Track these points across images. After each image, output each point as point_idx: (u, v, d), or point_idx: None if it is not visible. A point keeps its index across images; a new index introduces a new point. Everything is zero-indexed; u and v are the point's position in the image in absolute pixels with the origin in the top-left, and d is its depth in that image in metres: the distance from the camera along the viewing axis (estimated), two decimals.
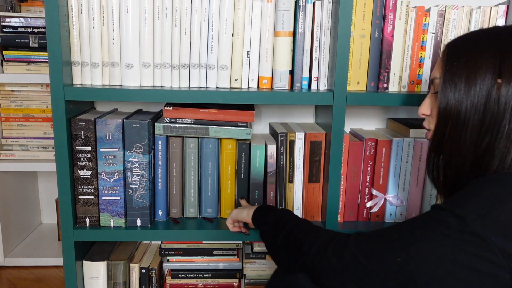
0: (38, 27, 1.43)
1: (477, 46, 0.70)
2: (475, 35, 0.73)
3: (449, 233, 0.60)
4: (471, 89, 0.68)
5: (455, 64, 0.71)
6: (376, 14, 1.04)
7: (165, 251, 1.18)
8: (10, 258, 1.54)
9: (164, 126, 1.06)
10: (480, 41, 0.70)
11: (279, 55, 1.05)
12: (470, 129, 0.68)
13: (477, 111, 0.68)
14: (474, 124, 0.68)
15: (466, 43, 0.72)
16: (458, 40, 0.74)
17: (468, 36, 0.74)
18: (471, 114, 0.68)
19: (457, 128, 0.70)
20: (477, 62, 0.68)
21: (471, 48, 0.70)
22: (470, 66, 0.69)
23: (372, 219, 1.14)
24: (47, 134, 1.51)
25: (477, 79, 0.68)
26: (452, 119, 0.70)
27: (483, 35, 0.72)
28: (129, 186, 1.06)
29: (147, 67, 1.04)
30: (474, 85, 0.68)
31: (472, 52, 0.70)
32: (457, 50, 0.72)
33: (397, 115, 1.30)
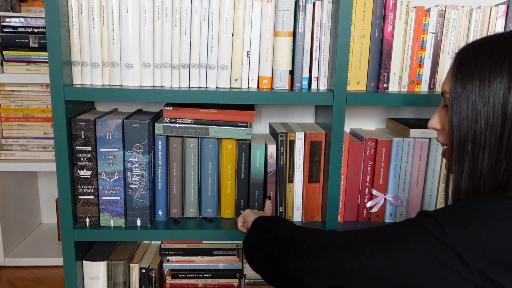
0: (38, 27, 1.43)
1: (491, 58, 0.64)
2: (489, 44, 0.67)
3: (425, 237, 0.59)
4: (485, 107, 0.63)
5: (466, 78, 0.65)
6: (376, 14, 1.04)
7: (165, 251, 1.18)
8: (10, 258, 1.54)
9: (164, 126, 1.06)
10: (494, 53, 0.64)
11: (279, 55, 1.05)
12: (488, 154, 0.64)
13: (493, 132, 0.63)
14: (492, 147, 0.63)
15: (479, 53, 0.66)
16: (469, 49, 0.68)
17: (482, 45, 0.68)
18: (487, 136, 0.64)
19: (474, 151, 0.65)
20: (490, 77, 0.63)
21: (484, 61, 0.65)
22: (483, 82, 0.64)
23: (372, 219, 1.14)
24: (47, 134, 1.51)
25: (490, 96, 0.63)
26: (468, 141, 0.65)
27: (498, 44, 0.65)
28: (129, 186, 1.06)
29: (147, 67, 1.04)
30: (487, 103, 0.63)
31: (485, 65, 0.64)
32: (468, 63, 0.67)
33: (397, 115, 1.30)
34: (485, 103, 0.63)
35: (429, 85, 1.10)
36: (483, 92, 0.63)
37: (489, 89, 0.63)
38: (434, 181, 1.12)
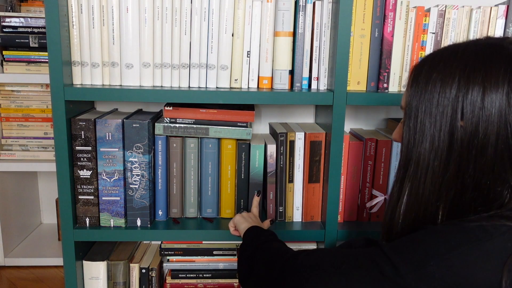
0: (38, 27, 1.43)
1: (441, 75, 0.61)
2: (441, 58, 0.63)
3: (381, 280, 0.59)
4: (431, 128, 0.61)
5: (417, 95, 0.63)
6: (376, 14, 1.04)
7: (165, 251, 1.18)
8: (10, 258, 1.54)
9: (164, 126, 1.06)
10: (445, 68, 0.61)
11: (279, 55, 1.05)
12: (430, 178, 0.61)
13: (437, 156, 0.60)
14: (435, 171, 0.61)
15: (430, 69, 0.63)
16: (423, 64, 0.65)
17: (435, 59, 0.64)
18: (431, 159, 0.61)
19: (416, 174, 0.63)
20: (439, 97, 0.60)
21: (434, 78, 0.61)
22: (431, 101, 0.61)
23: (372, 219, 1.14)
24: (47, 134, 1.51)
25: (437, 117, 0.60)
26: (412, 161, 0.63)
27: (449, 59, 0.62)
28: (129, 186, 1.06)
29: (147, 67, 1.04)
30: (434, 124, 0.60)
31: (435, 83, 0.61)
32: (420, 79, 0.63)
33: (397, 115, 1.30)
34: (431, 123, 0.61)
35: None
36: (431, 111, 0.61)
37: (437, 109, 0.60)
38: None
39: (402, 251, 0.59)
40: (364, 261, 0.62)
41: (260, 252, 0.84)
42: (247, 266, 0.85)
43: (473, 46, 0.62)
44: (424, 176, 0.62)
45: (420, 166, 0.62)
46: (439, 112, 0.60)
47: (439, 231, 0.59)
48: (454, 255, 0.55)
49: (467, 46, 0.63)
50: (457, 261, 0.55)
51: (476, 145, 0.58)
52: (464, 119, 0.59)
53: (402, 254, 0.59)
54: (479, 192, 0.60)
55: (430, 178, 0.62)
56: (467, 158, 0.59)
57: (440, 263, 0.55)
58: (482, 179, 0.59)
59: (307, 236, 1.08)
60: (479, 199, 0.60)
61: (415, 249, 0.58)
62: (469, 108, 0.58)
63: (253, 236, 0.91)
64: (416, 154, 0.62)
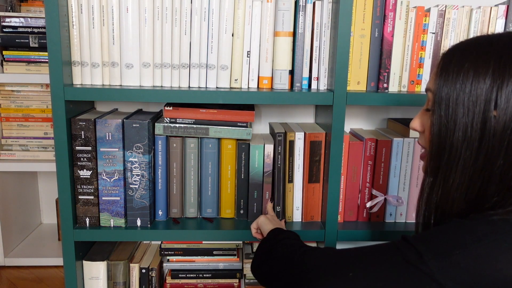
0: (38, 27, 1.43)
1: (474, 63, 0.61)
2: (474, 47, 0.63)
3: (404, 265, 0.59)
4: (464, 118, 0.60)
5: (449, 83, 0.62)
6: (376, 14, 1.04)
7: (165, 251, 1.18)
8: (10, 258, 1.54)
9: (164, 126, 1.06)
10: (478, 58, 0.61)
11: (279, 55, 1.05)
12: (461, 168, 0.62)
13: (470, 146, 0.61)
14: (466, 162, 0.61)
15: (462, 57, 0.62)
16: (454, 52, 0.65)
17: (467, 48, 0.64)
18: (463, 149, 0.61)
19: (448, 163, 0.62)
20: (472, 85, 0.60)
21: (467, 67, 0.61)
22: (463, 90, 0.61)
23: (372, 219, 1.14)
24: (47, 134, 1.51)
25: (470, 107, 0.60)
26: (444, 151, 0.63)
27: (483, 48, 0.62)
28: (129, 186, 1.06)
29: (147, 67, 1.04)
30: (467, 113, 0.60)
31: (467, 72, 0.61)
32: (451, 67, 0.63)
33: (397, 115, 1.30)
34: (464, 113, 0.61)
35: None
36: (464, 101, 0.61)
37: (469, 98, 0.60)
38: None
39: (427, 240, 0.60)
40: (388, 249, 0.63)
41: (278, 246, 0.84)
42: (263, 258, 0.85)
43: (507, 37, 0.62)
44: (456, 166, 0.62)
45: (452, 156, 0.62)
46: (472, 102, 0.60)
47: (465, 223, 0.60)
48: (481, 246, 0.56)
49: (501, 36, 0.62)
50: (483, 251, 0.55)
51: (509, 135, 0.58)
52: (498, 110, 0.58)
53: (427, 243, 0.59)
54: (503, 184, 0.60)
55: (461, 168, 0.62)
56: (498, 149, 0.59)
57: (466, 253, 0.56)
58: (509, 171, 0.60)
59: (307, 236, 1.08)
60: (502, 191, 0.61)
61: (441, 239, 0.59)
62: (503, 98, 0.58)
63: (279, 233, 0.91)
64: (449, 143, 0.62)
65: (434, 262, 0.57)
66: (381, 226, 1.12)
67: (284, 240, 0.86)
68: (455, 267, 0.55)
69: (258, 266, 0.86)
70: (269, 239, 0.90)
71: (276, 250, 0.83)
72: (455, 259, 0.56)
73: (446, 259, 0.56)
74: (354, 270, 0.63)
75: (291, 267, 0.75)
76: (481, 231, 0.57)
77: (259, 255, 0.89)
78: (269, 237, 0.91)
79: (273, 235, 0.91)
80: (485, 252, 0.55)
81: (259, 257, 0.88)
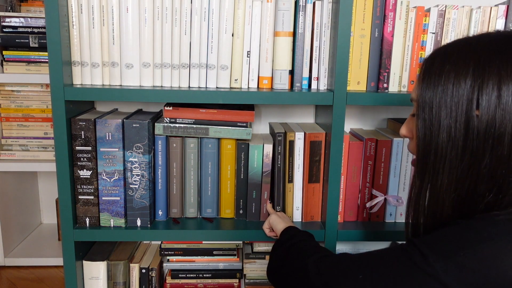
0: (38, 27, 1.43)
1: (455, 65, 0.62)
2: (454, 50, 0.64)
3: (411, 267, 0.59)
4: (447, 119, 0.61)
5: (431, 87, 0.63)
6: (376, 14, 1.04)
7: (165, 251, 1.18)
8: (10, 258, 1.54)
9: (164, 126, 1.06)
10: (459, 59, 0.62)
11: (279, 55, 1.05)
12: (448, 169, 0.62)
13: (455, 146, 0.61)
14: (452, 162, 0.62)
15: (443, 60, 0.63)
16: (435, 56, 0.66)
17: (447, 50, 0.65)
18: (448, 150, 0.61)
19: (435, 165, 0.63)
20: (453, 87, 0.61)
21: (448, 69, 0.62)
22: (446, 91, 0.61)
23: (372, 219, 1.14)
24: (47, 134, 1.51)
25: (453, 107, 0.61)
26: (430, 153, 0.64)
27: (462, 50, 0.63)
28: (129, 186, 1.06)
29: (147, 67, 1.04)
30: (449, 114, 0.61)
31: (448, 75, 0.62)
32: (433, 70, 0.64)
33: (397, 115, 1.30)
34: (447, 114, 0.61)
35: None
36: (446, 103, 0.61)
37: (452, 99, 0.61)
38: None
39: (432, 242, 0.60)
40: (395, 252, 0.63)
41: (293, 249, 0.85)
42: (278, 263, 0.86)
43: (486, 37, 0.63)
44: (442, 168, 0.63)
45: (438, 158, 0.63)
46: (454, 103, 0.61)
47: (469, 224, 0.60)
48: (486, 247, 0.56)
49: (480, 38, 0.63)
50: (488, 252, 0.55)
51: (493, 134, 0.59)
52: (480, 109, 0.59)
53: (432, 245, 0.59)
54: (493, 182, 0.61)
55: (447, 169, 0.62)
56: (483, 148, 0.60)
57: (471, 254, 0.56)
58: (498, 169, 0.60)
59: None
60: (493, 190, 0.61)
61: (446, 241, 0.59)
62: (484, 98, 0.59)
63: (293, 234, 0.91)
64: (434, 146, 0.63)
65: (439, 264, 0.57)
66: (381, 226, 1.12)
67: (299, 243, 0.86)
68: (461, 269, 0.56)
69: (275, 271, 0.86)
70: (284, 242, 0.90)
71: (291, 255, 0.83)
72: (460, 260, 0.56)
73: (451, 260, 0.56)
74: (364, 272, 0.64)
75: (304, 276, 0.75)
76: (486, 232, 0.57)
77: (274, 260, 0.88)
78: (284, 239, 0.92)
79: (287, 237, 0.91)
80: (490, 253, 0.55)
81: (274, 262, 0.88)
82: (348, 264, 0.68)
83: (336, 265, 0.70)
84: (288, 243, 0.88)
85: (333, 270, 0.70)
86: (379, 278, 0.62)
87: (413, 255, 0.60)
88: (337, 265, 0.70)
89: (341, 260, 0.71)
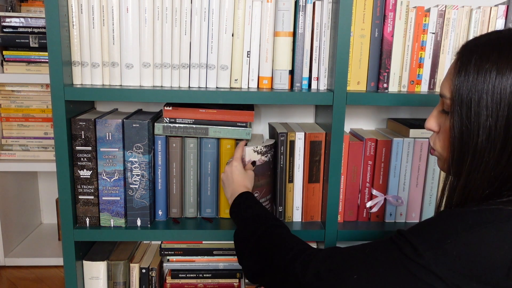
0: (38, 27, 1.43)
1: (496, 65, 0.59)
2: (494, 44, 0.61)
3: (402, 260, 0.60)
4: (488, 121, 0.59)
5: (469, 84, 0.60)
6: (376, 14, 1.04)
7: (165, 251, 1.18)
8: (10, 258, 1.54)
9: (164, 126, 1.06)
10: (501, 55, 0.59)
11: (279, 55, 1.05)
12: (483, 170, 0.61)
13: (493, 149, 0.60)
14: (488, 164, 0.61)
15: (482, 58, 0.60)
16: (472, 49, 0.62)
17: (486, 45, 0.61)
18: (486, 152, 0.60)
19: (472, 165, 0.62)
20: (495, 86, 0.58)
21: (488, 68, 0.59)
22: (486, 92, 0.59)
23: (372, 219, 1.14)
24: (47, 134, 1.51)
25: (494, 109, 0.59)
26: (468, 153, 0.62)
27: (504, 45, 0.60)
28: (129, 186, 1.06)
29: (147, 67, 1.04)
30: (490, 115, 0.59)
31: (490, 73, 0.59)
32: (470, 67, 0.61)
33: (397, 115, 1.30)
34: (488, 114, 0.59)
35: (429, 85, 1.10)
36: (487, 104, 0.59)
37: (492, 100, 0.59)
38: (434, 181, 1.12)
39: (420, 232, 0.61)
40: (386, 245, 0.63)
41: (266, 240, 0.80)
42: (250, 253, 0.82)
43: None
44: (478, 169, 0.62)
45: (476, 159, 0.61)
46: (495, 103, 0.59)
47: (456, 212, 0.61)
48: (471, 234, 0.56)
49: None
50: (474, 239, 0.56)
51: None
52: None
53: (420, 235, 0.60)
54: None
55: (482, 170, 0.61)
56: None
57: (457, 241, 0.56)
58: None
59: (307, 236, 1.08)
60: None
61: (433, 230, 0.60)
62: None
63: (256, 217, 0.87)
64: (473, 146, 0.61)
65: (429, 254, 0.57)
66: (381, 226, 1.12)
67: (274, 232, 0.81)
68: (449, 256, 0.56)
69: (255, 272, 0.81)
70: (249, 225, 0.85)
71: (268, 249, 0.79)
72: (447, 248, 0.56)
73: (439, 249, 0.57)
74: (358, 272, 0.64)
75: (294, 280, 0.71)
76: (472, 219, 0.58)
77: (241, 246, 0.83)
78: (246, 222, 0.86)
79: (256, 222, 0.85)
80: (476, 240, 0.56)
81: (242, 248, 0.83)
82: (340, 263, 0.67)
83: (327, 264, 0.68)
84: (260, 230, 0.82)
85: (325, 271, 0.68)
86: (373, 276, 0.62)
87: (403, 247, 0.60)
88: (329, 263, 0.68)
89: (331, 257, 0.69)
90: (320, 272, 0.68)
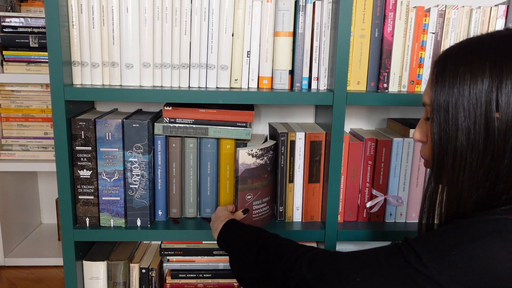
0: (38, 27, 1.43)
1: (469, 65, 0.60)
2: (467, 50, 0.62)
3: (406, 268, 0.59)
4: (465, 123, 0.60)
5: (445, 89, 0.62)
6: (376, 14, 1.04)
7: (165, 251, 1.18)
8: (10, 258, 1.54)
9: (164, 126, 1.06)
10: (473, 59, 0.60)
11: (279, 55, 1.05)
12: (469, 171, 0.61)
13: (475, 148, 0.60)
14: (473, 164, 0.61)
15: (457, 61, 0.62)
16: (447, 57, 0.64)
17: (459, 51, 0.63)
18: (468, 153, 0.61)
19: (454, 168, 0.62)
20: (470, 88, 0.60)
21: (462, 70, 0.61)
22: (462, 93, 0.60)
23: (372, 219, 1.14)
24: (47, 134, 1.51)
25: (471, 109, 0.60)
26: (448, 156, 0.63)
27: (476, 49, 0.61)
28: (129, 186, 1.06)
29: (147, 67, 1.04)
30: (468, 116, 0.60)
31: (463, 76, 0.60)
32: (446, 72, 0.63)
33: (397, 115, 1.30)
34: (466, 116, 0.60)
35: None
36: (464, 105, 0.60)
37: (469, 102, 0.60)
38: None
39: (426, 242, 0.60)
40: (391, 252, 0.63)
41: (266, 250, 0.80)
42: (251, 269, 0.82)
43: (498, 36, 0.62)
44: (462, 171, 0.62)
45: (457, 161, 0.62)
46: (472, 105, 0.59)
47: (462, 223, 0.60)
48: (477, 245, 0.56)
49: (492, 36, 0.62)
50: (479, 251, 0.55)
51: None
52: (500, 110, 0.58)
53: (426, 245, 0.60)
54: (510, 182, 0.61)
55: (468, 171, 0.62)
56: (503, 148, 0.59)
57: (463, 253, 0.56)
58: None
59: (307, 236, 1.08)
60: (510, 189, 0.61)
61: (439, 241, 0.59)
62: (504, 98, 0.58)
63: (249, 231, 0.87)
64: (452, 149, 0.62)
65: (433, 264, 0.57)
66: (381, 226, 1.12)
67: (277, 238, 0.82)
68: (454, 268, 0.56)
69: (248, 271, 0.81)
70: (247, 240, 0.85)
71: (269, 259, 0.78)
72: (452, 259, 0.56)
73: (443, 260, 0.57)
74: (362, 275, 0.64)
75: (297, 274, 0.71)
76: (477, 230, 0.58)
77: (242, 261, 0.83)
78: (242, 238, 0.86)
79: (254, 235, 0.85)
80: (481, 252, 0.55)
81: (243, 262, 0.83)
82: (344, 266, 0.67)
83: (331, 266, 0.68)
84: (258, 243, 0.83)
85: (328, 273, 0.68)
86: (376, 280, 0.62)
87: (408, 255, 0.60)
88: (332, 266, 0.68)
89: (335, 260, 0.69)
90: (324, 272, 0.68)
